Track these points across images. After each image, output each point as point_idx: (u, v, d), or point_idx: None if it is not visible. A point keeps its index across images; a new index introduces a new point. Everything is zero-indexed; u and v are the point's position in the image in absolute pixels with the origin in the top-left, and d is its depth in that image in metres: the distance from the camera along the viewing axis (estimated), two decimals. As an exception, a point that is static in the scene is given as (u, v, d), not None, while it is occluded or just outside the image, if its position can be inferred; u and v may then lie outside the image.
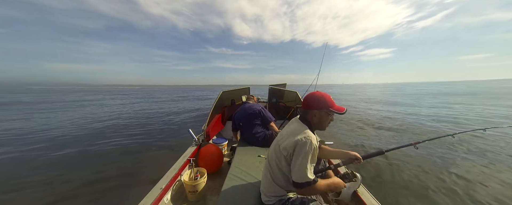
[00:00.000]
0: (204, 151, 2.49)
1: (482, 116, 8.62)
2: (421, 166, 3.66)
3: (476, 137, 5.19)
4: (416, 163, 3.79)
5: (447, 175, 3.35)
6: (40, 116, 9.77)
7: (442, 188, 2.98)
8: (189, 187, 1.97)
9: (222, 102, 3.77)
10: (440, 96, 20.02)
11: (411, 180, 3.21)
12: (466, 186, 3.03)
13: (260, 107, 2.75)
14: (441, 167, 3.63)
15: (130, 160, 4.20)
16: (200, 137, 2.87)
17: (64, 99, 20.23)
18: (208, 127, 3.08)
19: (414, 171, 3.50)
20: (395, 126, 7.16)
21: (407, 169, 3.56)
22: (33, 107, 13.49)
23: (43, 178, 3.35)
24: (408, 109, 11.34)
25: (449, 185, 3.06)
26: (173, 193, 1.93)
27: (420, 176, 3.31)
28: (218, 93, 3.54)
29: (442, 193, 2.87)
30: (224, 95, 3.62)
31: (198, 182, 1.98)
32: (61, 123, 8.06)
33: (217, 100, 3.34)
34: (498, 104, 12.41)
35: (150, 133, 6.52)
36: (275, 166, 1.24)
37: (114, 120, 8.84)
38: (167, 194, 1.80)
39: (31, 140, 5.60)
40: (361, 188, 1.59)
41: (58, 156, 4.44)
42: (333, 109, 1.18)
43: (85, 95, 26.42)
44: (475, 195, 2.79)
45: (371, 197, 1.51)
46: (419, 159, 3.97)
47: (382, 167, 3.61)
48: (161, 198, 1.62)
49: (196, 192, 2.00)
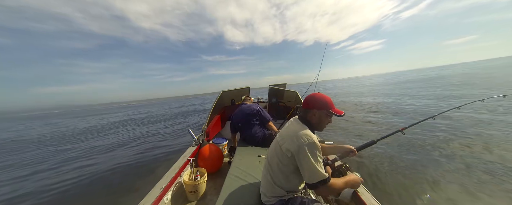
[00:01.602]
0: (204, 151, 2.49)
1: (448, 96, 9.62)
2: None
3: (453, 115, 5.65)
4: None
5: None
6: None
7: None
8: (189, 187, 1.97)
9: (222, 102, 3.76)
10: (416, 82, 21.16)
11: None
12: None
13: (258, 106, 2.76)
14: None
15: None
16: (200, 137, 2.87)
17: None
18: (208, 127, 3.07)
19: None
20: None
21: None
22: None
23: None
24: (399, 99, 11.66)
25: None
26: (173, 193, 1.93)
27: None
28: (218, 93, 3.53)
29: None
30: (224, 95, 3.61)
31: (198, 182, 1.98)
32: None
33: (217, 101, 3.33)
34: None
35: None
36: (276, 166, 1.23)
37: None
38: (167, 194, 1.80)
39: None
40: (361, 188, 1.59)
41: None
42: (333, 110, 1.22)
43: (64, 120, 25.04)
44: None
45: (371, 197, 1.51)
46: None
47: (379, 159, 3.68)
48: (161, 198, 1.62)
49: (196, 192, 2.00)
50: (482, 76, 18.34)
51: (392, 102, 10.02)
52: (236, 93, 3.99)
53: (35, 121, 29.28)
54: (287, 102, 4.14)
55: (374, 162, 3.48)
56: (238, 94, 4.00)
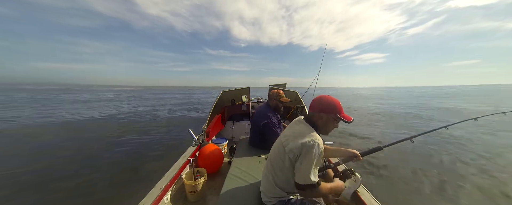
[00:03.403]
0: (204, 151, 2.49)
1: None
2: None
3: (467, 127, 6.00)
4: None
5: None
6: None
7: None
8: (189, 187, 1.97)
9: (222, 102, 3.76)
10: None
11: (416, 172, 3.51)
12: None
13: (267, 120, 2.26)
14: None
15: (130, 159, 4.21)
16: (200, 137, 2.87)
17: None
18: (208, 127, 3.07)
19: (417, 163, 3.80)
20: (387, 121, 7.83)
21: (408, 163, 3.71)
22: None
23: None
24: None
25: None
26: (173, 193, 1.93)
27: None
28: (218, 93, 3.53)
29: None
30: (224, 95, 3.61)
31: (198, 182, 1.98)
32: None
33: (217, 101, 3.33)
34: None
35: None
36: (277, 167, 1.21)
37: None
38: (167, 194, 1.80)
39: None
40: (361, 188, 1.59)
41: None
42: (341, 115, 1.15)
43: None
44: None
45: (371, 197, 1.51)
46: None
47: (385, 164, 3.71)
48: (161, 198, 1.62)
49: (196, 192, 1.99)
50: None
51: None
52: (236, 93, 4.00)
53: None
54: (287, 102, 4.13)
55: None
56: (238, 94, 4.00)
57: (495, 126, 6.58)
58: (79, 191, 3.04)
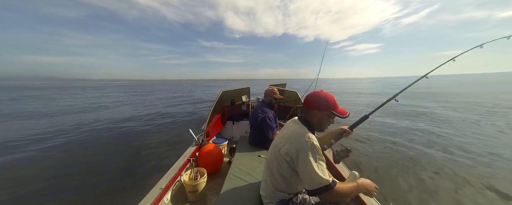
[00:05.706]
0: (204, 151, 2.49)
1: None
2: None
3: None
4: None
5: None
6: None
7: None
8: (189, 187, 1.97)
9: (222, 102, 3.76)
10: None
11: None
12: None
13: (264, 114, 2.41)
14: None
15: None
16: (200, 137, 2.87)
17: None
18: (208, 127, 3.07)
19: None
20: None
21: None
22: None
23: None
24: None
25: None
26: (173, 193, 1.93)
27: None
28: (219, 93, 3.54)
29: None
30: (224, 95, 3.62)
31: (198, 182, 1.98)
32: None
33: (217, 101, 3.34)
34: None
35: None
36: (275, 170, 1.19)
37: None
38: (167, 194, 1.80)
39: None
40: None
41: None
42: (336, 111, 1.11)
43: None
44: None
45: (371, 197, 1.51)
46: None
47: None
48: (161, 198, 1.62)
49: (196, 192, 2.00)
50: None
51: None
52: (236, 93, 4.00)
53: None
54: (287, 102, 4.14)
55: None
56: (238, 94, 4.00)
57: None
58: (78, 192, 3.04)
